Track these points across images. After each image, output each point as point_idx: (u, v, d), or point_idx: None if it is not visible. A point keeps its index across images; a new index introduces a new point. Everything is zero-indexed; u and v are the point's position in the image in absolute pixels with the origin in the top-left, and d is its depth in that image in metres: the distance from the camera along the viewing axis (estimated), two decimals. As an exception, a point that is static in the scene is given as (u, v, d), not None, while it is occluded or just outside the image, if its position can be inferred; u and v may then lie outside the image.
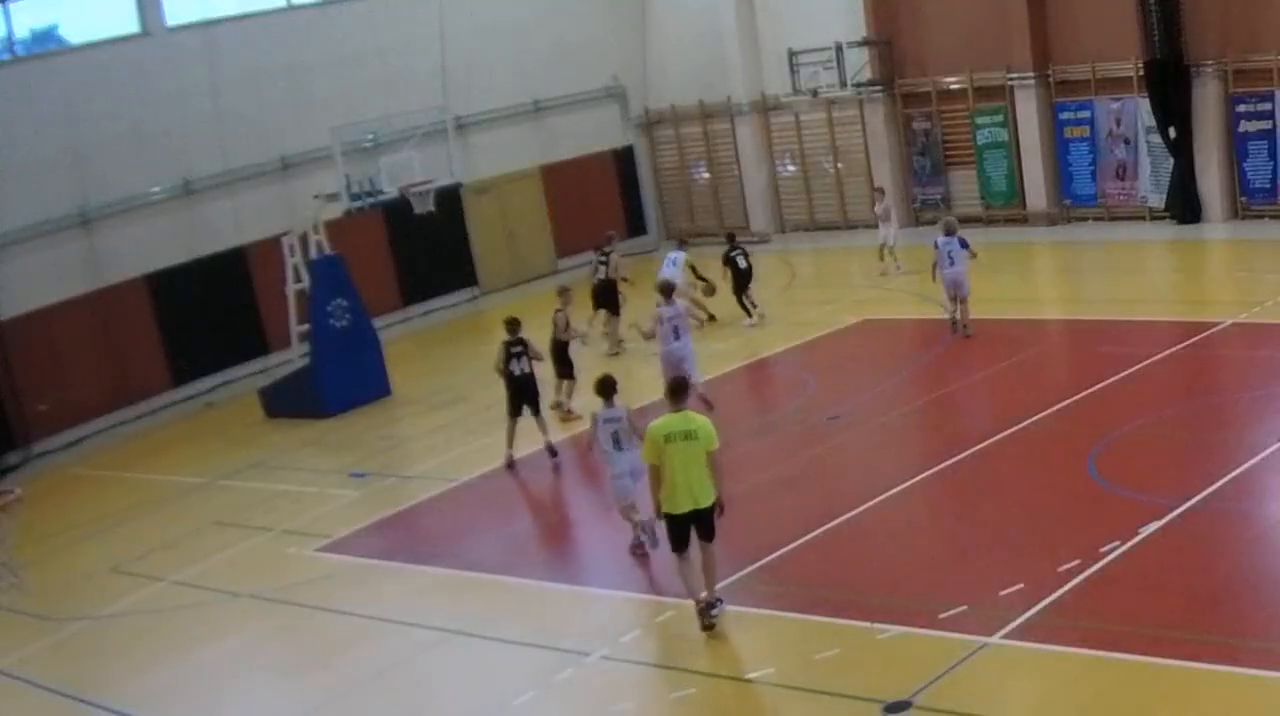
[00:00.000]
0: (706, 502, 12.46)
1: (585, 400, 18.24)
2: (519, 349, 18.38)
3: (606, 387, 14.52)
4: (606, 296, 24.08)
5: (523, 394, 18.48)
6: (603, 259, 24.35)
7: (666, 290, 19.81)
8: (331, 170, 24.02)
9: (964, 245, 21.10)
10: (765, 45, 32.27)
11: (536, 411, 18.62)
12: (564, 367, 20.53)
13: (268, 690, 13.53)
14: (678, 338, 19.35)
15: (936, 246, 21.17)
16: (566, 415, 20.10)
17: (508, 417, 18.52)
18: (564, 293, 21.17)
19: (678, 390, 12.81)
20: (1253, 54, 26.01)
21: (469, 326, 28.71)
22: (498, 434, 19.03)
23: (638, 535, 14.53)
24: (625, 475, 14.42)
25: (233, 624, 15.07)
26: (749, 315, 24.18)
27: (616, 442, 14.45)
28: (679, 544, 12.62)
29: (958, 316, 21.23)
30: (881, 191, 28.56)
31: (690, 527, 12.56)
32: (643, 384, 20.16)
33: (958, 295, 21.15)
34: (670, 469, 12.30)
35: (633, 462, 14.18)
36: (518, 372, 18.36)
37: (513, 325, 18.59)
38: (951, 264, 20.94)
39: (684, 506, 12.41)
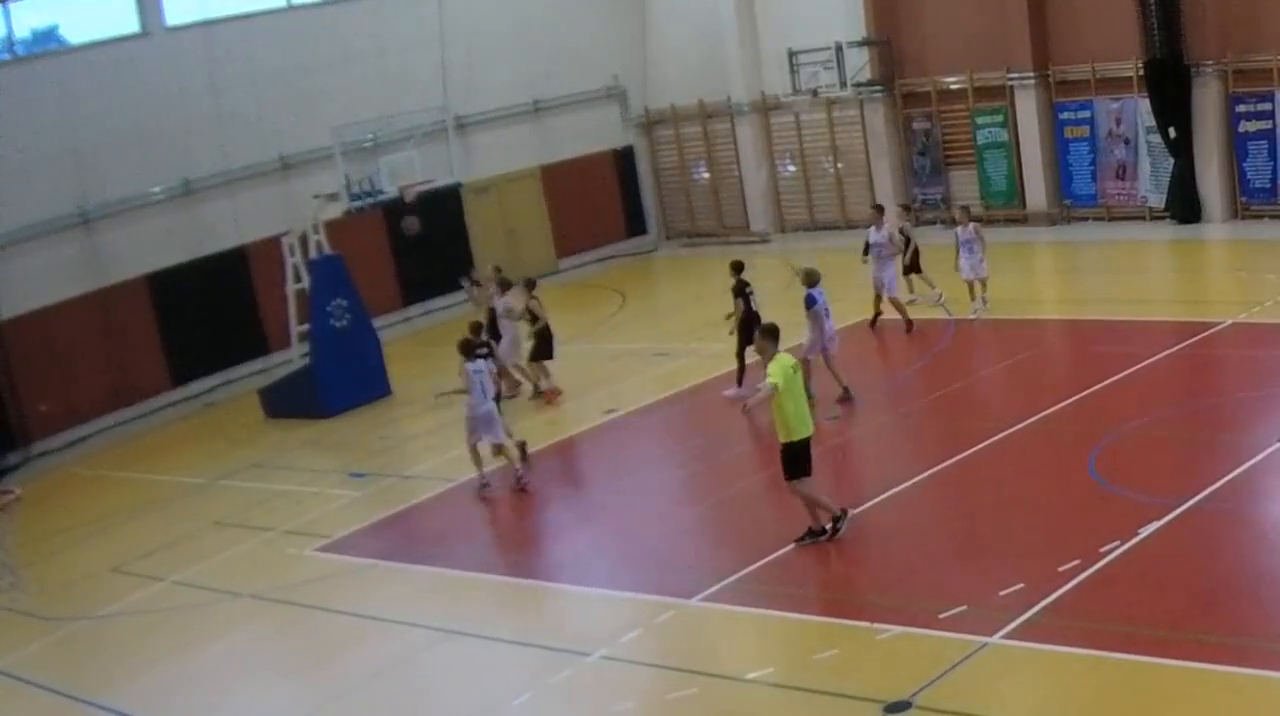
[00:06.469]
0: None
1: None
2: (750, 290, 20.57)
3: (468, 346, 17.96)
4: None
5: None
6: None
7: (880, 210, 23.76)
8: (331, 170, 24.05)
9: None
10: (765, 45, 32.24)
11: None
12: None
13: (268, 690, 13.54)
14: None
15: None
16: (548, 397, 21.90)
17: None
18: (529, 283, 22.81)
19: (775, 333, 14.14)
20: (1253, 54, 25.99)
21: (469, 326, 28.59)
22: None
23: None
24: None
25: (233, 624, 15.07)
26: (931, 287, 23.66)
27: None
28: (809, 466, 13.83)
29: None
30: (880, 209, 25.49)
31: None
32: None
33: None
34: (796, 396, 13.69)
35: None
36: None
37: (736, 267, 20.74)
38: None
39: (810, 429, 13.89)
